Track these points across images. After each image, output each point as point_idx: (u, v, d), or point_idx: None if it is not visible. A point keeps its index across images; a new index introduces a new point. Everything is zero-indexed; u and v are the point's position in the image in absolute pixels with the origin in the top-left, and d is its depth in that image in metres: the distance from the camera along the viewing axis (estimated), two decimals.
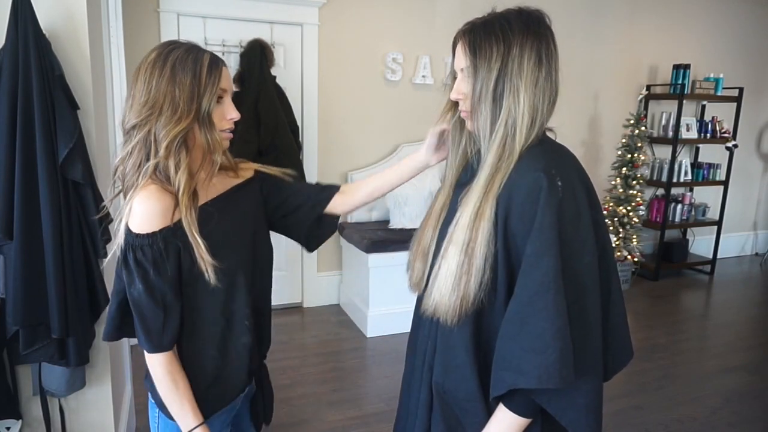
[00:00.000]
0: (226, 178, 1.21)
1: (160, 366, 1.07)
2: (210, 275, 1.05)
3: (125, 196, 1.06)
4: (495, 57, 0.96)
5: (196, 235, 1.04)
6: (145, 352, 1.08)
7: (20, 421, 1.75)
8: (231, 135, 1.14)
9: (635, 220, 4.58)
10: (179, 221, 1.04)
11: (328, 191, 1.33)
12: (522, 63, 0.96)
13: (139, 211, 1.02)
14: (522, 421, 0.96)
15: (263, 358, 1.30)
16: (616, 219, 4.61)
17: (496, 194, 0.95)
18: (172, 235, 1.04)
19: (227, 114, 1.11)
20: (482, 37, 0.98)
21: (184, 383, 1.09)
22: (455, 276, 0.95)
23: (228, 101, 1.11)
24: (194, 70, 1.04)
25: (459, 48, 1.02)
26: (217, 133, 1.08)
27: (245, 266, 1.16)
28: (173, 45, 1.07)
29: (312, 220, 1.31)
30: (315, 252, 3.98)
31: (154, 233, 1.02)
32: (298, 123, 3.69)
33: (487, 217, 0.94)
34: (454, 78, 1.06)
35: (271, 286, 1.29)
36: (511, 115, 0.96)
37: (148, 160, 1.04)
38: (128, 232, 1.03)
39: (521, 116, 0.96)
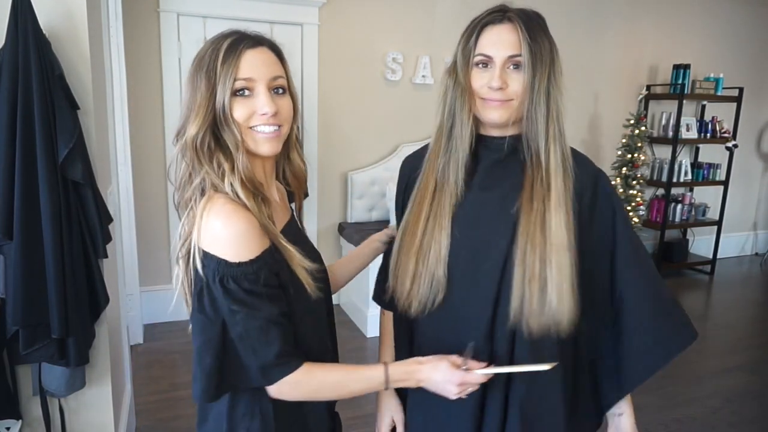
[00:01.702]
0: (282, 191, 1.09)
1: (310, 386, 0.92)
2: (311, 288, 0.93)
3: (179, 210, 0.95)
4: (547, 51, 0.95)
5: (283, 241, 0.91)
6: (282, 384, 0.89)
7: (20, 421, 1.75)
8: (273, 132, 0.94)
9: (635, 220, 4.58)
10: (273, 244, 0.90)
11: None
12: (559, 61, 0.98)
13: (230, 237, 0.86)
14: None
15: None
16: None
17: (572, 191, 0.98)
18: (272, 258, 0.90)
19: (257, 107, 0.91)
20: (535, 27, 0.95)
21: (333, 372, 0.94)
22: (569, 279, 0.95)
23: (259, 93, 0.91)
24: (209, 61, 0.90)
25: (510, 34, 0.95)
26: (236, 131, 0.91)
27: (326, 281, 1.07)
28: (209, 40, 0.94)
29: None
30: None
31: (258, 258, 0.87)
32: (298, 123, 3.68)
33: (572, 214, 0.97)
34: (481, 64, 0.97)
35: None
36: (560, 112, 0.98)
37: (192, 173, 0.93)
38: (221, 263, 0.85)
39: (564, 113, 0.98)
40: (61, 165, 1.54)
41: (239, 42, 0.91)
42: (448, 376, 0.92)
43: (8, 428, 1.71)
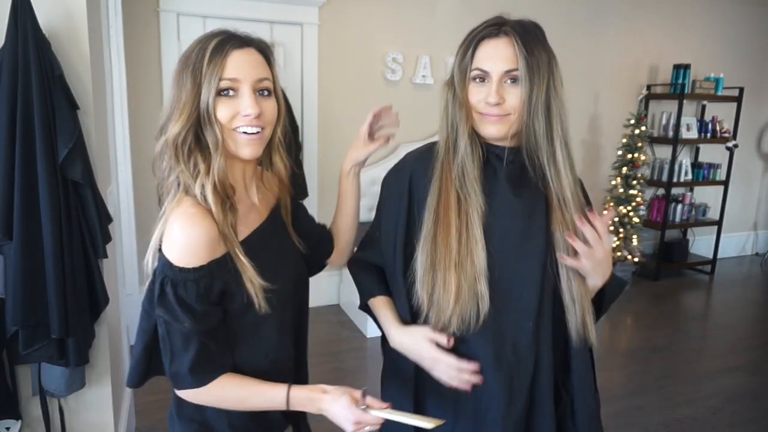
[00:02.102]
0: (267, 193, 1.07)
1: (211, 396, 0.95)
2: (261, 303, 0.92)
3: (160, 204, 0.96)
4: (544, 63, 0.95)
5: (240, 254, 0.91)
6: (185, 390, 0.94)
7: (20, 421, 1.75)
8: (256, 135, 0.93)
9: (635, 220, 4.58)
10: (228, 253, 0.91)
11: (330, 246, 1.24)
12: (559, 72, 0.98)
13: (182, 241, 0.88)
14: None
15: None
16: (616, 219, 4.60)
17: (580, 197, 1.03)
18: (219, 269, 0.91)
19: (241, 108, 0.91)
20: (532, 40, 0.95)
21: (241, 388, 0.95)
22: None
23: (243, 93, 0.91)
24: (196, 60, 0.90)
25: (506, 48, 0.95)
26: (218, 132, 0.90)
27: (291, 294, 1.04)
28: (197, 39, 0.94)
29: (316, 269, 1.24)
30: None
31: (201, 267, 0.89)
32: (298, 123, 3.69)
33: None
34: (478, 79, 0.98)
35: (308, 318, 1.17)
36: (564, 123, 0.98)
37: (170, 171, 0.93)
38: (167, 264, 0.89)
39: (568, 122, 0.99)
40: (61, 165, 1.54)
41: (226, 42, 0.91)
42: (345, 412, 0.92)
43: (8, 428, 1.71)
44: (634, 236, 4.59)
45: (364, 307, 1.20)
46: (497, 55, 0.95)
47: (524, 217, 1.00)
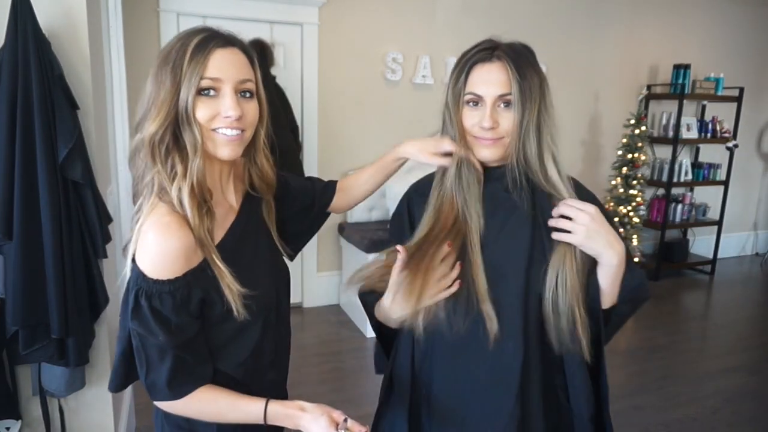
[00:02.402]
0: (240, 186, 1.05)
1: (188, 409, 0.93)
2: (239, 309, 0.90)
3: (134, 203, 0.95)
4: (536, 87, 0.96)
5: (217, 260, 0.89)
6: (161, 402, 0.93)
7: (20, 421, 1.75)
8: (236, 136, 0.91)
9: (636, 220, 4.58)
10: (205, 260, 0.89)
11: (331, 191, 1.29)
12: (550, 94, 0.98)
13: (157, 252, 0.85)
14: None
15: (285, 397, 1.13)
16: (616, 219, 4.60)
17: None
18: (195, 278, 0.88)
19: (222, 109, 0.88)
20: (524, 63, 0.96)
21: (218, 401, 0.93)
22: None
23: (225, 94, 0.89)
24: (176, 57, 0.86)
25: (499, 73, 0.96)
26: (197, 133, 0.87)
27: (271, 296, 1.02)
28: (177, 35, 0.91)
29: (316, 224, 1.28)
30: (315, 252, 3.98)
31: (177, 278, 0.86)
32: (298, 123, 3.69)
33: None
34: (471, 103, 0.99)
35: (290, 313, 1.15)
36: (554, 144, 0.98)
37: (146, 169, 0.91)
38: (141, 275, 0.86)
39: (558, 144, 0.99)
40: (61, 165, 1.54)
41: (209, 40, 0.88)
42: None
43: (8, 428, 1.71)
44: (634, 236, 4.59)
45: (376, 326, 1.16)
46: (490, 80, 0.96)
47: (512, 235, 1.01)
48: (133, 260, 0.88)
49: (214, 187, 0.95)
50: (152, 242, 0.85)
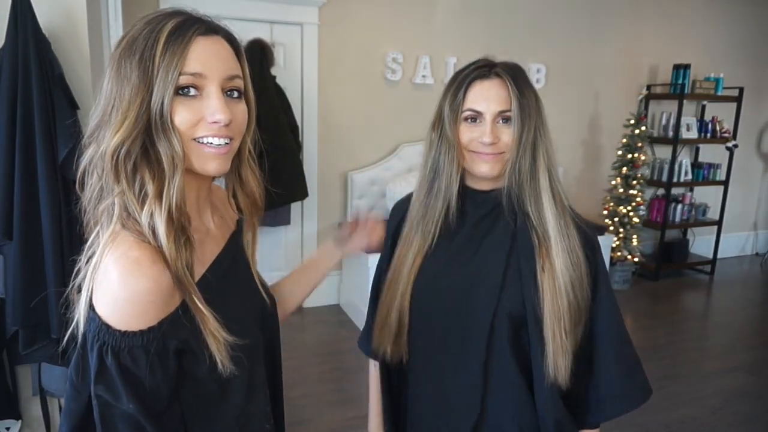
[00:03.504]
0: (225, 214, 0.88)
1: None
2: (225, 363, 0.71)
3: (82, 237, 0.75)
4: (533, 104, 0.98)
5: (198, 302, 0.69)
6: None
7: (20, 421, 1.75)
8: (224, 147, 0.73)
9: (635, 220, 4.58)
10: (183, 303, 0.70)
11: None
12: (544, 112, 1.00)
13: (124, 298, 0.65)
14: None
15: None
16: (616, 219, 4.61)
17: (580, 245, 0.99)
18: (172, 327, 0.69)
19: (207, 113, 0.71)
20: (521, 81, 0.98)
21: None
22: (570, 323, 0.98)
23: (210, 93, 0.71)
24: (144, 47, 0.68)
25: (499, 89, 0.97)
26: (177, 143, 0.69)
27: (259, 347, 0.84)
28: (143, 18, 0.72)
29: None
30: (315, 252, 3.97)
31: (150, 329, 0.67)
32: (298, 123, 3.69)
33: (581, 256, 0.99)
34: (470, 119, 0.99)
35: (281, 363, 1.00)
36: (550, 160, 1.00)
37: (104, 192, 0.71)
38: (103, 326, 0.66)
39: (555, 160, 1.01)
40: (61, 165, 1.54)
41: (188, 25, 0.70)
42: None
43: (8, 428, 1.71)
44: (634, 236, 4.59)
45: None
46: (491, 96, 0.97)
47: (482, 255, 1.02)
48: (91, 307, 0.67)
49: (191, 210, 0.75)
50: (117, 284, 0.65)
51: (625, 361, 1.05)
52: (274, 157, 3.39)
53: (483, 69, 1.00)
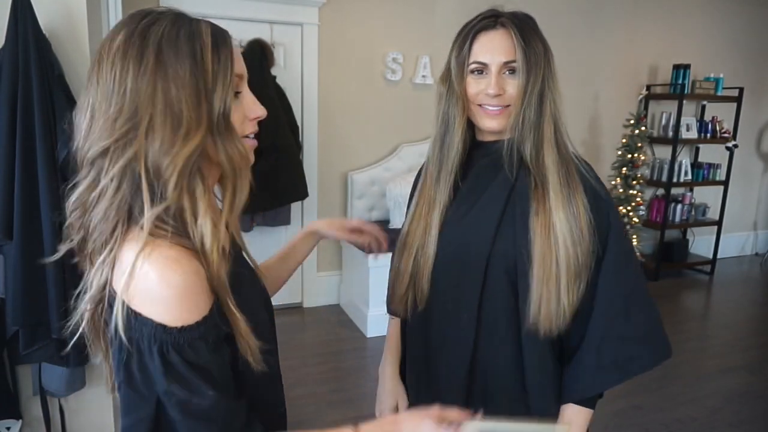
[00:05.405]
0: None
1: None
2: (255, 361, 0.73)
3: (86, 258, 0.75)
4: (540, 54, 0.96)
5: (232, 306, 0.71)
6: None
7: (20, 421, 1.75)
8: (255, 142, 0.78)
9: (635, 220, 4.58)
10: (216, 305, 0.71)
11: None
12: (553, 62, 0.98)
13: (172, 295, 0.66)
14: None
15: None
16: None
17: (582, 195, 0.98)
18: (219, 316, 0.71)
19: (249, 112, 0.76)
20: (528, 31, 0.96)
21: None
22: (574, 275, 0.95)
23: (247, 93, 0.76)
24: (192, 51, 0.69)
25: (504, 40, 0.95)
26: (239, 144, 0.72)
27: (274, 343, 0.87)
28: (149, 17, 0.70)
29: None
30: (315, 252, 3.98)
31: (204, 318, 0.68)
32: (298, 123, 3.69)
33: (583, 207, 0.97)
34: (476, 71, 0.97)
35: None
36: (557, 113, 0.99)
37: (133, 204, 0.68)
38: (157, 329, 0.66)
39: (562, 113, 0.99)
40: (61, 165, 1.54)
41: (222, 31, 0.77)
42: None
43: (8, 428, 1.71)
44: (634, 236, 4.59)
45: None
46: (495, 47, 0.96)
47: (481, 209, 1.01)
48: (136, 316, 0.66)
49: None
50: (163, 284, 0.65)
51: (615, 331, 1.01)
52: (275, 157, 3.40)
53: (488, 20, 0.98)
